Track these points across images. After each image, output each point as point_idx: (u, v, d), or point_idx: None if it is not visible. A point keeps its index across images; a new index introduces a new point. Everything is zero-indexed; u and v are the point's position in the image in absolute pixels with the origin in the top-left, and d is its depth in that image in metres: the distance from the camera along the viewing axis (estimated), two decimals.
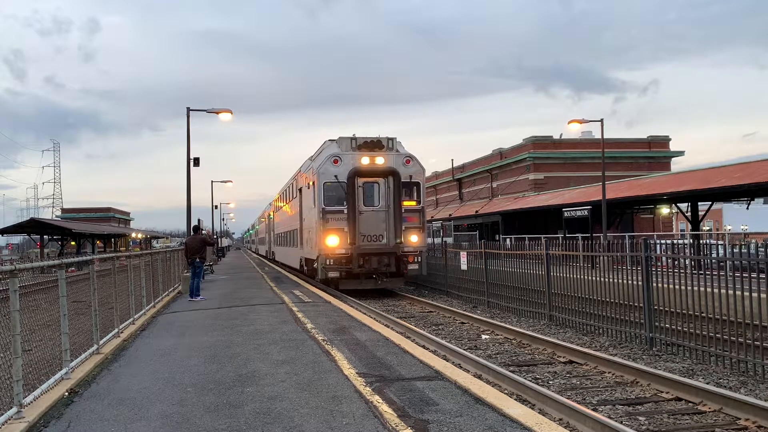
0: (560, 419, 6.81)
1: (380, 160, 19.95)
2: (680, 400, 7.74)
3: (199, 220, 27.90)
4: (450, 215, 49.16)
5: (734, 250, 10.50)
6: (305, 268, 24.27)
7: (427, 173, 24.83)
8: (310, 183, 21.17)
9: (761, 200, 40.96)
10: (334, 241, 19.43)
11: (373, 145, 20.20)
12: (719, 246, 18.50)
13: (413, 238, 20.07)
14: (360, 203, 19.69)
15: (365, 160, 19.79)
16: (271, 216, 44.00)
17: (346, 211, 19.45)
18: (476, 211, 44.05)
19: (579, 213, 29.92)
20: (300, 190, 24.73)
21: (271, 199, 46.16)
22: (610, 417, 6.84)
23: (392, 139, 20.62)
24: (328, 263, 19.48)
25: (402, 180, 19.83)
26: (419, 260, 20.20)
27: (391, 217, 19.66)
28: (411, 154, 20.88)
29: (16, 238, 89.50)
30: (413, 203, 20.50)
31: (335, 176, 19.71)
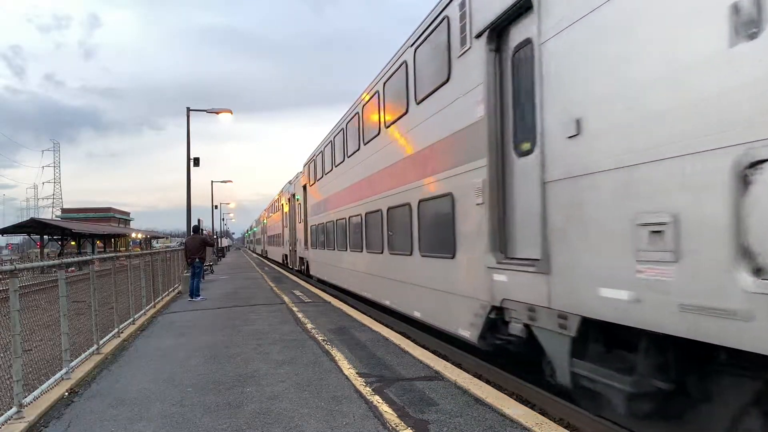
0: (560, 419, 6.80)
1: None
2: None
3: (199, 220, 27.89)
4: None
5: None
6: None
7: None
8: None
9: None
10: None
11: None
12: None
13: None
14: None
15: None
16: (295, 198, 27.02)
17: None
18: None
19: None
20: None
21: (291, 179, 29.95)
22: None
23: None
24: None
25: None
26: None
27: None
28: None
29: (16, 238, 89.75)
30: None
31: None
